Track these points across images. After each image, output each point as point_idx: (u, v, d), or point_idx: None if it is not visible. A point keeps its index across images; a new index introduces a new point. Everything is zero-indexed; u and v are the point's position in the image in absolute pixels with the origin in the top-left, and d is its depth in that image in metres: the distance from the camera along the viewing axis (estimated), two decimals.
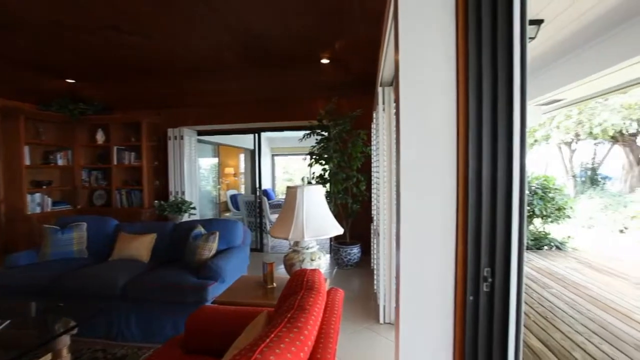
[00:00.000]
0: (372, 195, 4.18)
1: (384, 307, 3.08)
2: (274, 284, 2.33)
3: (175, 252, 3.49)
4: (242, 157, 11.10)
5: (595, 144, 14.44)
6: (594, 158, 15.06)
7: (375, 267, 3.71)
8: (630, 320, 3.29)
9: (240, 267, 3.41)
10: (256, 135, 6.24)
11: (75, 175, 5.77)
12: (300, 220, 1.98)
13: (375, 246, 3.75)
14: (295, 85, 5.09)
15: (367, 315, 3.31)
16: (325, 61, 3.96)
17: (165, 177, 5.93)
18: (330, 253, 5.40)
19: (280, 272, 2.57)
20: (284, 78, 4.72)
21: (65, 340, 2.13)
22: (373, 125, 3.88)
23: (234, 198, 8.97)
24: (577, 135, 12.43)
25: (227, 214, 9.37)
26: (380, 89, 2.89)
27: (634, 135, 12.42)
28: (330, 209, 2.22)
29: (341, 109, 4.92)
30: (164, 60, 3.89)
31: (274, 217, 6.63)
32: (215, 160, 8.92)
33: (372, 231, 4.42)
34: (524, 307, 3.02)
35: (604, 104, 9.69)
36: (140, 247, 3.45)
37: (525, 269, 4.39)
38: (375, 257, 3.75)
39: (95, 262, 3.41)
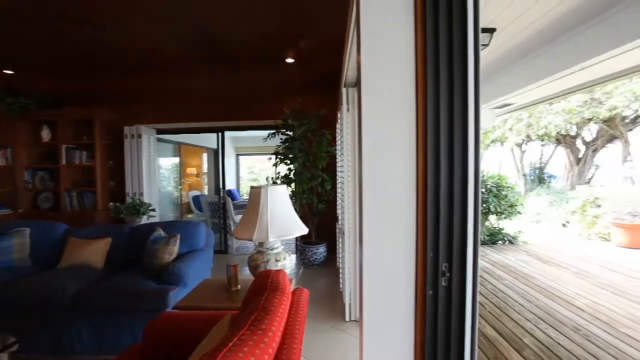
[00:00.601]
0: (337, 194, 4.22)
1: (350, 305, 3.13)
2: (239, 286, 2.28)
3: (132, 257, 3.31)
4: (205, 156, 10.76)
5: (542, 145, 15.64)
6: (541, 158, 16.31)
7: (341, 265, 3.76)
8: (571, 306, 3.59)
9: (203, 270, 3.31)
10: (219, 134, 6.08)
11: (17, 176, 5.29)
12: (264, 221, 1.96)
13: (340, 245, 3.79)
14: (260, 84, 5.02)
15: (333, 313, 3.34)
16: (290, 60, 3.95)
17: (121, 178, 5.60)
18: (296, 253, 5.39)
19: (246, 274, 2.52)
20: (248, 77, 4.64)
21: (3, 358, 1.95)
22: (338, 126, 3.93)
23: (196, 199, 8.68)
24: (527, 137, 13.37)
25: (190, 216, 9.05)
26: (344, 90, 2.93)
27: (574, 137, 13.59)
28: (295, 208, 2.22)
29: (306, 108, 4.92)
30: (119, 53, 3.67)
31: (238, 217, 6.50)
32: (177, 159, 8.58)
33: (337, 230, 4.47)
34: (479, 298, 3.17)
35: (549, 109, 10.49)
36: (94, 252, 3.24)
37: (482, 263, 4.66)
38: (340, 255, 3.80)
39: (40, 271, 3.15)
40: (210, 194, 9.34)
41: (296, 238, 5.34)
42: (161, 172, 7.56)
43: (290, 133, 4.89)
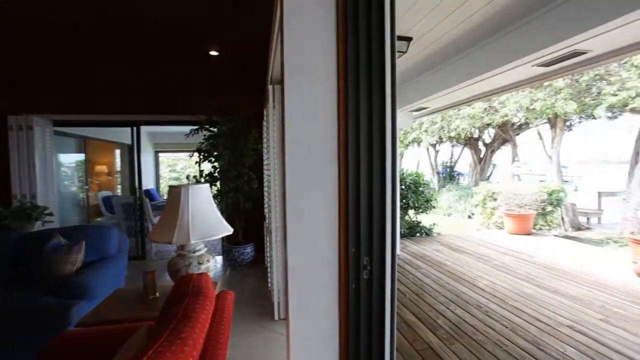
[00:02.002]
0: (264, 193, 4.17)
1: (279, 303, 3.11)
2: (157, 294, 2.10)
3: (24, 270, 2.83)
4: (117, 153, 9.69)
5: (452, 146, 17.56)
6: (451, 158, 18.30)
7: (269, 264, 3.72)
8: (474, 287, 4.09)
9: (115, 279, 2.98)
10: (134, 128, 5.53)
11: None
12: (185, 222, 1.83)
13: (268, 244, 3.75)
14: (182, 77, 4.70)
15: (262, 313, 3.29)
16: (214, 53, 3.76)
17: (5, 177, 4.72)
18: (223, 254, 5.18)
19: (166, 280, 2.34)
20: (170, 69, 4.30)
21: None
22: (265, 123, 3.87)
23: (107, 200, 7.77)
24: (440, 138, 14.85)
25: (99, 219, 8.06)
26: (270, 87, 2.89)
27: (477, 139, 15.52)
28: (221, 208, 2.12)
29: (232, 105, 4.75)
30: (4, 22, 3.05)
31: (158, 219, 5.99)
32: (82, 156, 7.57)
33: (265, 229, 4.41)
34: (400, 287, 3.39)
35: (457, 114, 11.78)
36: None
37: (402, 254, 5.02)
38: (268, 254, 3.76)
39: None
40: (125, 195, 8.45)
41: (222, 239, 5.13)
42: (62, 170, 6.60)
43: (215, 129, 4.66)
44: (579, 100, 8.35)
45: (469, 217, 11.40)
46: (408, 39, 3.19)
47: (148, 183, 9.62)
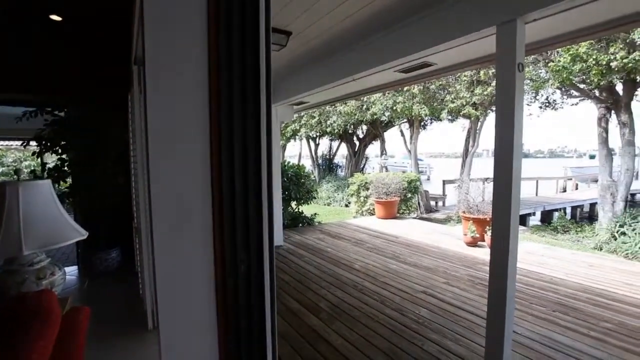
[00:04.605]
0: (132, 189, 3.65)
1: (152, 311, 2.79)
2: None
3: None
4: None
5: (330, 140, 18.85)
6: (330, 151, 19.66)
7: (139, 269, 3.29)
8: (352, 269, 4.50)
9: None
10: None
11: None
12: (13, 230, 1.43)
13: (138, 246, 3.31)
14: (15, 42, 3.66)
15: (133, 323, 2.90)
16: (56, 18, 3.06)
17: None
18: (78, 263, 4.35)
19: None
20: None
21: None
22: (130, 109, 3.37)
23: None
24: (320, 132, 15.72)
25: None
26: (135, 68, 2.51)
27: (352, 134, 17.06)
28: (74, 208, 1.74)
29: (86, 85, 3.97)
30: None
31: None
32: None
33: (134, 230, 3.88)
34: (284, 277, 3.45)
35: (334, 110, 12.65)
36: None
37: (285, 245, 5.14)
38: (138, 258, 3.32)
39: None
40: None
41: (77, 244, 4.30)
42: None
43: (62, 114, 3.83)
44: (429, 104, 10.02)
45: (346, 205, 12.48)
46: (287, 33, 3.22)
47: None
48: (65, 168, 3.91)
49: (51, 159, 4.03)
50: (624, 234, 6.30)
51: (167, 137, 0.91)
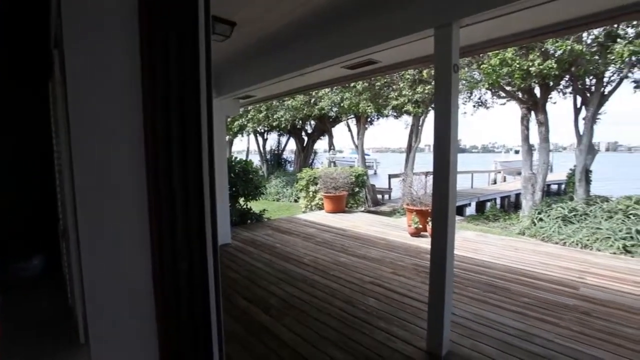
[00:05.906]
0: (57, 186, 3.28)
1: (83, 322, 2.54)
2: None
3: None
4: None
5: (279, 134, 18.67)
6: (279, 146, 19.48)
7: (68, 276, 2.98)
8: (301, 264, 4.52)
9: None
10: None
11: None
12: None
13: (65, 251, 2.99)
14: None
15: (62, 337, 2.62)
16: None
17: None
18: None
19: None
20: None
21: None
22: (51, 98, 3.01)
23: None
24: (268, 126, 15.48)
25: None
26: (56, 52, 2.23)
27: (300, 129, 17.06)
28: None
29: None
30: None
31: None
32: None
33: (60, 233, 3.49)
34: (232, 275, 3.35)
35: (281, 105, 12.53)
36: None
37: (233, 242, 5.00)
38: (67, 264, 3.00)
39: None
40: None
41: None
42: None
43: None
44: (375, 101, 10.37)
45: (296, 200, 12.49)
46: (232, 24, 3.09)
47: None
48: None
49: None
50: (541, 220, 7.12)
51: (92, 131, 0.82)
